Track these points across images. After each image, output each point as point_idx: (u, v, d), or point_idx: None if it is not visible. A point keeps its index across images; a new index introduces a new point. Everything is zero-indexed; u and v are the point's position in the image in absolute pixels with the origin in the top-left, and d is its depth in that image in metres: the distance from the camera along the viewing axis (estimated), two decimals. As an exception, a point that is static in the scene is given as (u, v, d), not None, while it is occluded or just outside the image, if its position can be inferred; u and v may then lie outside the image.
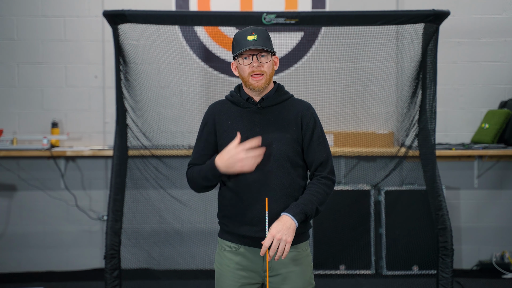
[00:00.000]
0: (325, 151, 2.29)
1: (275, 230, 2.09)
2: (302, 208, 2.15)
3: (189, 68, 4.63)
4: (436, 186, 3.78)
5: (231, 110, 2.29)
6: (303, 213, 2.14)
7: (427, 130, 3.92)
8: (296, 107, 2.29)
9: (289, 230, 2.10)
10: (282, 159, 2.21)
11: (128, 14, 3.67)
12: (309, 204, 2.17)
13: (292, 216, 2.12)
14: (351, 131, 4.67)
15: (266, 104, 2.27)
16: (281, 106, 2.29)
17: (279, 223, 2.11)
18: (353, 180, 4.77)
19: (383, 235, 4.59)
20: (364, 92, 4.66)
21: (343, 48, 4.39)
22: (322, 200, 2.22)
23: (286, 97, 2.32)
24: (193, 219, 4.43)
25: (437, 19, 3.71)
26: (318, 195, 2.20)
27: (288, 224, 2.10)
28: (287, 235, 2.09)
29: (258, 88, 2.22)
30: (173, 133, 4.60)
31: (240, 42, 2.22)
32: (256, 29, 2.24)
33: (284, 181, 2.21)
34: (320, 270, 4.59)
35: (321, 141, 2.29)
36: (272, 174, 2.20)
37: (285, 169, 2.21)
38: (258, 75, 2.21)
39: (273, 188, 2.20)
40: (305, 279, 2.27)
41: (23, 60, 4.87)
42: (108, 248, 3.67)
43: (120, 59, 3.88)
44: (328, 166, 2.27)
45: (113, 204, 3.76)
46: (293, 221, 2.11)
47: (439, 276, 3.68)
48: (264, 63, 2.22)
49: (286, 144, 2.22)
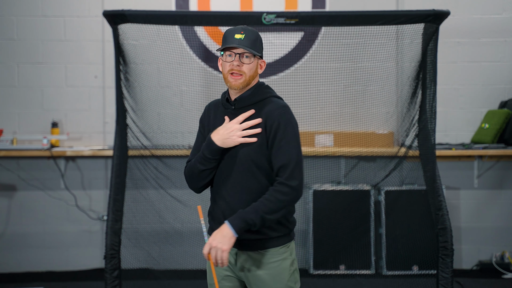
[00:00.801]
0: (286, 155, 2.15)
1: (211, 238, 2.12)
2: (243, 217, 2.10)
3: (189, 68, 4.63)
4: (436, 186, 3.78)
5: (218, 110, 2.32)
6: (243, 221, 2.10)
7: (427, 130, 3.92)
8: (265, 109, 2.21)
9: (224, 239, 2.10)
10: (248, 162, 2.19)
11: (128, 14, 3.67)
12: (252, 213, 2.11)
13: (230, 224, 2.11)
14: (351, 131, 4.67)
15: (239, 106, 2.24)
16: (254, 107, 2.23)
17: (217, 231, 2.13)
18: (353, 180, 4.77)
19: (383, 235, 4.59)
20: (364, 92, 4.66)
21: (343, 48, 4.39)
22: (271, 208, 2.12)
23: (261, 98, 2.24)
24: (193, 219, 4.43)
25: (437, 19, 3.71)
26: (267, 203, 2.12)
27: (225, 233, 2.11)
28: (222, 243, 2.10)
29: (234, 87, 2.20)
30: (173, 133, 4.60)
31: (227, 39, 2.21)
32: (247, 29, 2.21)
33: (250, 184, 2.20)
34: (320, 270, 4.59)
35: (283, 144, 2.16)
36: (239, 177, 2.21)
37: (251, 173, 2.20)
38: (237, 74, 2.20)
39: (239, 191, 2.21)
40: (281, 282, 2.25)
41: (23, 60, 4.87)
42: (108, 248, 3.67)
43: (120, 59, 3.88)
44: (287, 171, 2.14)
45: (113, 204, 3.76)
46: (230, 230, 2.10)
47: (439, 276, 3.68)
48: (245, 64, 2.19)
49: (251, 147, 2.19)
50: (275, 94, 2.30)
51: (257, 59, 2.24)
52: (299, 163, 2.17)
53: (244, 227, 2.11)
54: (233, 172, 2.22)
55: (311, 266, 4.61)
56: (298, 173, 2.16)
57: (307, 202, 4.65)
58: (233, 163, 2.22)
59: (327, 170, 4.71)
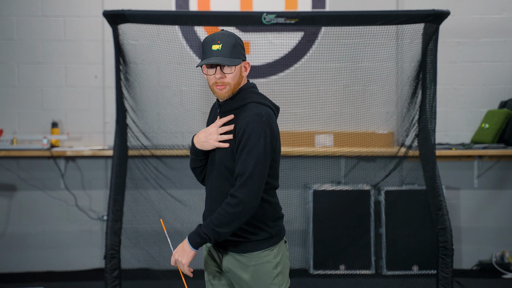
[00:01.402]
0: (243, 165, 2.11)
1: (176, 250, 2.22)
2: (199, 232, 2.17)
3: (189, 68, 4.63)
4: (436, 186, 3.78)
5: (214, 112, 2.38)
6: (199, 236, 2.17)
7: (427, 130, 3.92)
8: (239, 115, 2.19)
9: (184, 253, 2.19)
10: (222, 167, 2.23)
11: (128, 14, 3.67)
12: (206, 227, 2.16)
13: (189, 241, 2.19)
14: (351, 131, 4.67)
15: (224, 110, 2.26)
16: (235, 112, 2.23)
17: (180, 245, 2.22)
18: (353, 180, 4.77)
19: (383, 235, 4.59)
20: (364, 92, 4.66)
21: (343, 48, 4.39)
22: (222, 221, 2.12)
23: (241, 104, 2.21)
24: (193, 219, 4.43)
25: (437, 19, 3.71)
26: (218, 216, 2.14)
27: (185, 247, 2.19)
28: (181, 257, 2.19)
29: (222, 97, 2.22)
30: (173, 133, 4.60)
31: (205, 51, 2.19)
32: (223, 36, 2.17)
33: (223, 188, 2.22)
34: (320, 270, 4.59)
35: (244, 153, 2.12)
36: (216, 182, 2.26)
37: (224, 177, 2.23)
38: (221, 85, 2.19)
39: (216, 195, 2.26)
40: (261, 285, 2.26)
41: (23, 60, 4.87)
42: (108, 248, 3.67)
43: (120, 59, 3.88)
44: (239, 182, 2.11)
45: (113, 204, 3.76)
46: (189, 246, 2.18)
47: (439, 276, 3.68)
48: (228, 73, 2.18)
49: (225, 152, 2.22)
50: (258, 99, 2.23)
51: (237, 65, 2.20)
52: (254, 175, 2.11)
53: (200, 242, 2.18)
54: (212, 176, 2.29)
55: (311, 266, 4.61)
56: (251, 184, 2.10)
57: (307, 202, 4.65)
58: (212, 167, 2.28)
59: (327, 170, 4.71)
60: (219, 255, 2.32)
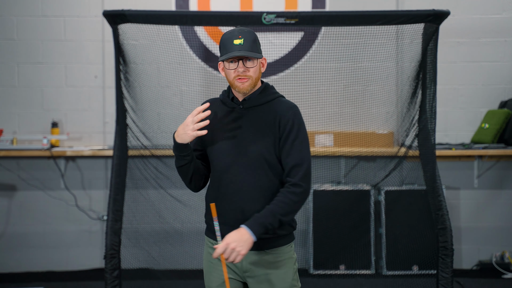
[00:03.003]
0: (299, 154, 2.19)
1: (231, 239, 2.08)
2: (262, 222, 2.11)
3: (189, 68, 4.63)
4: (436, 186, 3.78)
5: (219, 108, 2.32)
6: (263, 227, 2.11)
7: (427, 130, 3.92)
8: (277, 109, 2.24)
9: (245, 243, 2.08)
10: (259, 161, 2.20)
11: (128, 14, 3.67)
12: (270, 217, 2.12)
13: (251, 230, 2.10)
14: (351, 131, 4.66)
15: (248, 105, 2.26)
16: (264, 107, 2.26)
17: (237, 234, 2.09)
18: (353, 180, 4.77)
19: (383, 235, 4.59)
20: (364, 92, 4.66)
21: (343, 48, 4.39)
22: (287, 210, 2.15)
23: (271, 98, 2.28)
24: (193, 219, 4.43)
25: (437, 19, 3.71)
26: (283, 205, 2.14)
27: (245, 238, 2.09)
28: (242, 247, 2.08)
29: (243, 91, 2.22)
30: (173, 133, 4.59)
31: (226, 46, 2.20)
32: (243, 31, 2.21)
33: (261, 183, 2.20)
34: (320, 270, 4.59)
35: (297, 144, 2.20)
36: (249, 176, 2.21)
37: (262, 171, 2.21)
38: (244, 78, 2.20)
39: (250, 190, 2.21)
40: (286, 281, 2.26)
41: (23, 60, 4.87)
42: (108, 248, 3.67)
43: (120, 59, 3.88)
44: (301, 171, 2.18)
45: (113, 204, 3.76)
46: (250, 236, 2.09)
47: (439, 276, 3.68)
48: (250, 67, 2.20)
49: (263, 146, 2.20)
50: (282, 95, 2.34)
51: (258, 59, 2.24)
52: (310, 164, 2.22)
53: (263, 232, 2.12)
54: (243, 171, 2.22)
55: (311, 266, 4.61)
56: (310, 173, 2.22)
57: (307, 202, 4.65)
58: (243, 162, 2.22)
59: (327, 170, 4.71)
60: None
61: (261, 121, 2.24)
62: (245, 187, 2.21)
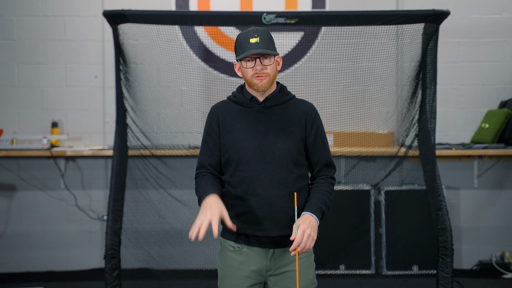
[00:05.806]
0: (329, 152, 2.36)
1: (305, 225, 2.11)
2: (320, 208, 2.21)
3: (189, 68, 4.64)
4: (436, 186, 3.78)
5: (235, 110, 2.31)
6: (320, 212, 2.21)
7: (427, 130, 3.92)
8: (300, 108, 2.32)
9: (315, 228, 2.15)
10: (286, 158, 2.24)
11: (128, 14, 3.67)
12: (324, 203, 2.23)
13: (315, 215, 2.17)
14: (351, 131, 4.67)
15: (270, 104, 2.29)
16: (284, 106, 2.31)
17: (306, 221, 2.13)
18: (353, 180, 4.77)
19: (383, 235, 4.59)
20: (364, 92, 4.66)
21: (343, 48, 4.39)
22: (331, 198, 2.30)
23: (289, 97, 2.34)
24: (193, 219, 4.39)
25: (437, 19, 3.71)
26: (328, 195, 2.28)
27: (314, 223, 2.15)
28: (314, 232, 2.14)
29: (262, 88, 2.24)
30: (173, 133, 4.60)
31: (243, 45, 2.22)
32: (258, 30, 2.24)
33: (288, 180, 2.23)
34: (320, 270, 4.59)
35: (326, 141, 2.36)
36: (276, 173, 2.22)
37: (288, 168, 2.24)
38: (262, 75, 2.23)
39: (277, 187, 2.22)
40: (308, 278, 2.28)
41: (23, 60, 4.87)
42: (108, 248, 3.67)
43: (120, 59, 3.88)
44: (333, 167, 2.36)
45: (113, 204, 3.76)
46: (316, 221, 2.17)
47: (439, 276, 3.68)
48: (267, 65, 2.23)
49: (290, 143, 2.24)
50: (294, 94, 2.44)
51: (274, 57, 2.27)
52: None
53: (321, 218, 2.22)
54: (270, 168, 2.23)
55: (311, 266, 4.61)
56: None
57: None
58: (270, 159, 2.23)
59: (327, 170, 4.70)
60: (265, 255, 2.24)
61: (285, 119, 2.28)
62: (273, 184, 2.22)
